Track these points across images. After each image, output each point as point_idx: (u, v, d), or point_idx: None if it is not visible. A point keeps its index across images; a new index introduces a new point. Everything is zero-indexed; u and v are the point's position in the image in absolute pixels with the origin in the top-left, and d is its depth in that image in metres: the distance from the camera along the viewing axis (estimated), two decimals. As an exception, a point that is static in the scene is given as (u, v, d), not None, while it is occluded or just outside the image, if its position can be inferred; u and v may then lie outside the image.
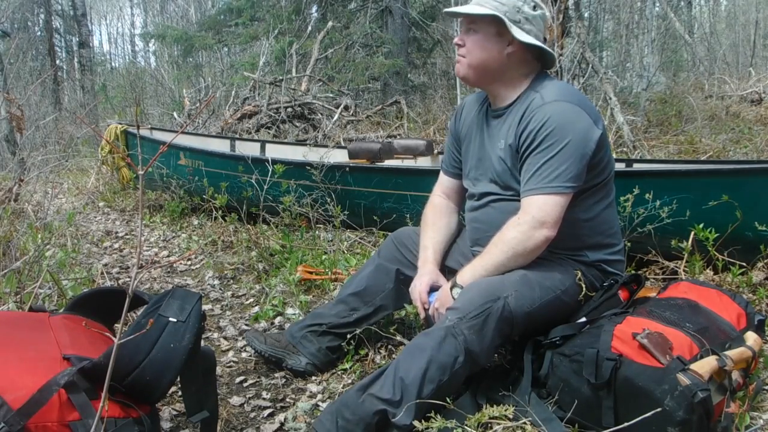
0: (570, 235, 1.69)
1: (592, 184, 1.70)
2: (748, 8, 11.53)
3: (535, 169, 1.62)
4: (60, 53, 14.21)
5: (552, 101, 1.65)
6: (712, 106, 7.03)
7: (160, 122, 8.02)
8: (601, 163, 1.70)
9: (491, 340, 1.55)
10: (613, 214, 1.82)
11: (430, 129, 6.40)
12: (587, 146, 1.62)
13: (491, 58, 1.72)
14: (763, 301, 2.16)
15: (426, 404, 1.50)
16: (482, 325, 1.53)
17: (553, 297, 1.65)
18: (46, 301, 2.33)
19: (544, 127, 1.62)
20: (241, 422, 1.71)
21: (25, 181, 3.27)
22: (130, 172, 4.67)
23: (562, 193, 1.60)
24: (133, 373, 1.20)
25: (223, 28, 9.77)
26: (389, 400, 1.49)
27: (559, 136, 1.60)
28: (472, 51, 1.73)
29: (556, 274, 1.68)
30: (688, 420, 1.30)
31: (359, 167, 3.46)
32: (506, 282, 1.61)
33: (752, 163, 3.35)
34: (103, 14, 25.23)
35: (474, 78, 1.77)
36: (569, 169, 1.60)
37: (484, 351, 1.55)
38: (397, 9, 8.78)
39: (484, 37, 1.71)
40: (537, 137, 1.63)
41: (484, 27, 1.71)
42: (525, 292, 1.60)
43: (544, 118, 1.63)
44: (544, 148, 1.61)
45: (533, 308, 1.60)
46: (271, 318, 2.41)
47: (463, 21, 1.76)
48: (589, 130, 1.63)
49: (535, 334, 1.67)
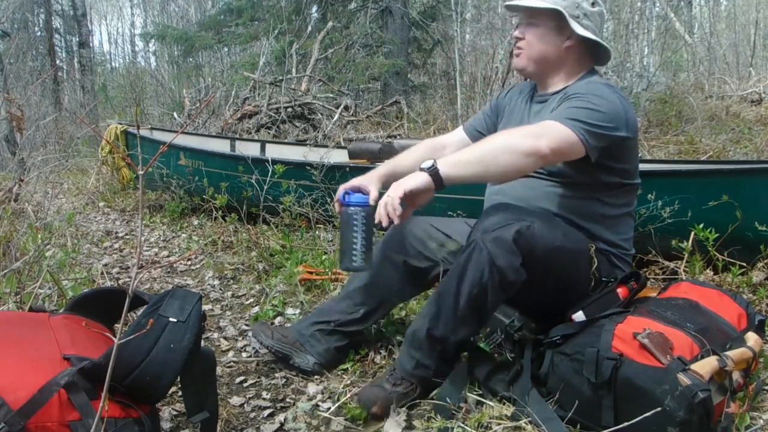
0: (590, 225, 1.73)
1: (615, 183, 1.74)
2: (748, 8, 11.52)
3: (562, 108, 1.64)
4: (60, 53, 14.20)
5: (600, 83, 1.73)
6: (712, 106, 7.03)
7: (160, 122, 8.02)
8: (627, 168, 1.75)
9: (513, 254, 1.52)
10: (630, 223, 1.85)
11: (431, 129, 6.40)
12: (617, 126, 1.62)
13: (550, 51, 1.78)
14: (763, 302, 2.16)
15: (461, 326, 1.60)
16: (504, 238, 1.52)
17: (573, 250, 1.66)
18: (46, 301, 2.33)
19: (582, 93, 1.65)
20: (241, 422, 1.71)
21: (25, 181, 3.27)
22: (130, 172, 4.67)
23: (573, 130, 1.55)
24: (133, 374, 1.20)
25: (223, 28, 9.77)
26: (431, 317, 1.61)
27: (597, 101, 1.62)
28: (533, 44, 1.78)
29: (578, 234, 1.70)
30: (688, 420, 1.30)
31: (359, 167, 3.46)
32: (532, 211, 1.62)
33: (752, 163, 3.35)
34: (103, 14, 25.22)
35: (532, 69, 1.81)
36: (590, 120, 1.57)
37: (510, 266, 1.53)
38: (397, 9, 8.78)
39: (544, 31, 1.77)
40: (575, 94, 1.66)
41: (545, 20, 1.76)
42: (550, 228, 1.60)
43: (585, 88, 1.69)
44: (579, 99, 1.63)
45: (554, 247, 1.59)
46: (271, 318, 2.41)
47: (522, 15, 1.80)
48: (621, 116, 1.64)
49: (548, 295, 1.67)
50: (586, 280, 1.71)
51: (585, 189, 1.73)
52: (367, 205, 1.65)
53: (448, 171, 1.50)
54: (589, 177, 1.70)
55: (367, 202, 1.67)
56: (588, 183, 1.72)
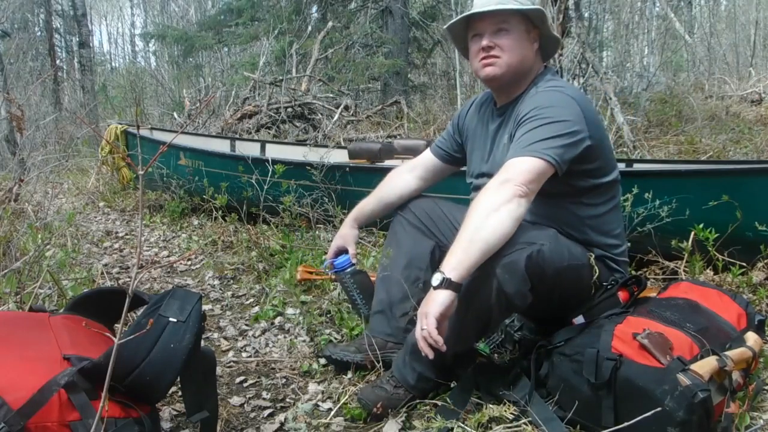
0: (578, 232, 1.71)
1: (594, 185, 1.71)
2: (748, 8, 11.52)
3: (518, 138, 1.60)
4: (60, 53, 14.19)
5: (545, 89, 1.68)
6: (712, 106, 7.03)
7: (160, 122, 8.02)
8: (601, 166, 1.70)
9: (524, 281, 1.50)
10: (618, 215, 1.82)
11: (430, 129, 6.40)
12: (578, 131, 1.59)
13: (526, 56, 1.73)
14: (763, 302, 2.16)
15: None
16: (516, 266, 1.49)
17: (578, 266, 1.64)
18: (46, 301, 2.33)
19: (534, 109, 1.62)
20: (241, 422, 1.71)
21: (25, 181, 3.27)
22: (130, 172, 4.67)
23: (536, 157, 1.52)
24: (133, 373, 1.20)
25: (224, 28, 9.77)
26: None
27: (550, 112, 1.59)
28: (513, 49, 1.70)
29: (578, 247, 1.68)
30: (688, 420, 1.30)
31: (359, 167, 3.46)
32: (540, 233, 1.57)
33: (752, 163, 3.35)
34: (103, 14, 25.23)
35: (508, 77, 1.74)
36: (553, 140, 1.55)
37: (518, 292, 1.50)
38: (397, 9, 8.78)
39: (517, 35, 1.71)
40: (527, 114, 1.62)
41: (516, 25, 1.70)
42: (558, 247, 1.57)
43: (535, 102, 1.64)
44: (533, 120, 1.60)
45: (562, 267, 1.57)
46: (271, 318, 2.41)
47: (487, 23, 1.71)
48: (579, 118, 1.61)
49: (552, 305, 1.66)
50: (588, 289, 1.71)
51: (565, 196, 1.69)
52: (352, 265, 1.99)
53: (459, 272, 1.45)
54: (564, 185, 1.66)
55: (349, 262, 1.98)
56: (565, 191, 1.68)
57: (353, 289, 2.01)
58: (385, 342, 1.86)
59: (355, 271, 2.00)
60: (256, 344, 2.20)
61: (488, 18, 1.70)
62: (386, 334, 1.87)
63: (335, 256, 2.02)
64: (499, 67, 1.71)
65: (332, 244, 2.03)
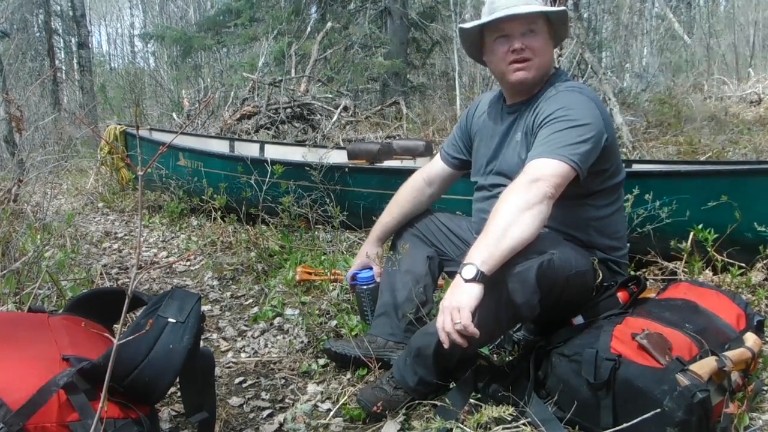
0: (582, 233, 1.71)
1: (603, 187, 1.72)
2: (747, 9, 11.54)
3: (544, 138, 1.59)
4: (59, 54, 14.17)
5: (566, 90, 1.68)
6: (711, 106, 7.04)
7: (160, 123, 8.02)
8: (612, 167, 1.71)
9: (534, 293, 1.49)
10: (622, 218, 1.83)
11: (430, 130, 6.41)
12: (600, 134, 1.60)
13: (551, 58, 1.75)
14: (762, 302, 2.16)
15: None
16: (527, 278, 1.47)
17: (584, 271, 1.64)
18: (45, 301, 2.33)
19: (559, 109, 1.61)
20: (240, 423, 1.71)
21: (24, 181, 3.27)
22: (129, 172, 4.67)
23: (564, 162, 1.52)
24: (132, 374, 1.20)
25: (223, 29, 9.78)
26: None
27: (575, 114, 1.59)
28: (542, 51, 1.70)
29: (583, 251, 1.68)
30: (687, 421, 1.30)
31: (358, 168, 3.46)
32: (549, 242, 1.56)
33: (751, 164, 3.35)
34: (103, 15, 25.22)
35: (537, 79, 1.73)
36: (579, 145, 1.55)
37: (527, 303, 1.49)
38: (396, 10, 8.79)
39: (545, 37, 1.72)
40: (552, 114, 1.61)
41: (542, 26, 1.70)
42: (566, 255, 1.57)
43: (558, 102, 1.64)
44: (559, 121, 1.59)
45: (571, 274, 1.57)
46: (270, 319, 2.40)
47: (516, 25, 1.68)
48: (599, 119, 1.62)
49: (556, 310, 1.65)
50: (590, 292, 1.71)
51: (573, 197, 1.67)
52: (374, 282, 2.04)
53: (489, 266, 1.44)
54: (577, 186, 1.64)
55: (372, 279, 2.03)
56: (576, 192, 1.67)
57: (368, 304, 2.06)
58: (385, 341, 1.88)
59: (376, 286, 2.05)
60: (255, 345, 2.20)
61: (519, 19, 1.68)
62: (388, 333, 1.89)
63: (359, 270, 2.08)
64: (532, 70, 1.70)
65: (356, 260, 2.10)
